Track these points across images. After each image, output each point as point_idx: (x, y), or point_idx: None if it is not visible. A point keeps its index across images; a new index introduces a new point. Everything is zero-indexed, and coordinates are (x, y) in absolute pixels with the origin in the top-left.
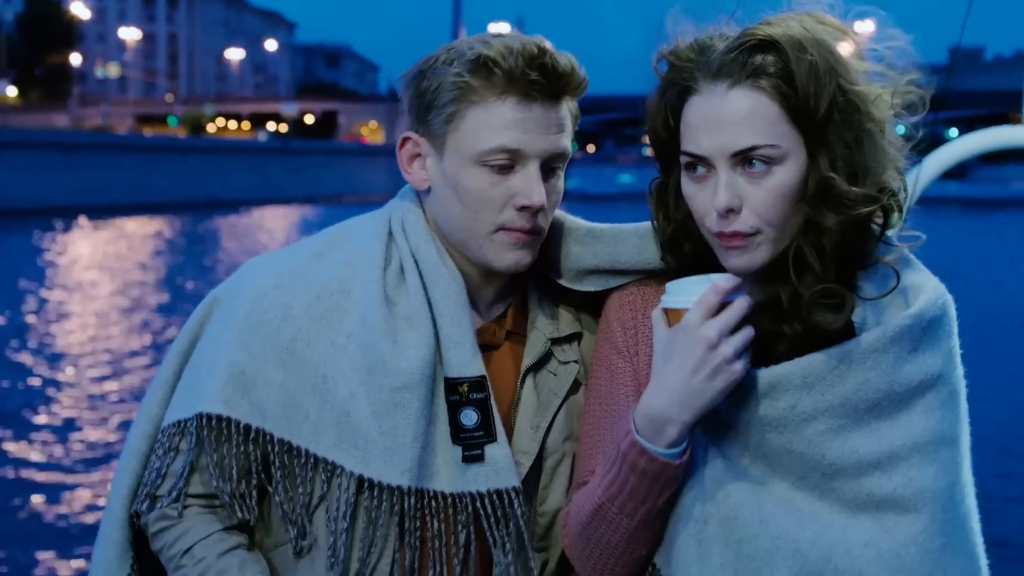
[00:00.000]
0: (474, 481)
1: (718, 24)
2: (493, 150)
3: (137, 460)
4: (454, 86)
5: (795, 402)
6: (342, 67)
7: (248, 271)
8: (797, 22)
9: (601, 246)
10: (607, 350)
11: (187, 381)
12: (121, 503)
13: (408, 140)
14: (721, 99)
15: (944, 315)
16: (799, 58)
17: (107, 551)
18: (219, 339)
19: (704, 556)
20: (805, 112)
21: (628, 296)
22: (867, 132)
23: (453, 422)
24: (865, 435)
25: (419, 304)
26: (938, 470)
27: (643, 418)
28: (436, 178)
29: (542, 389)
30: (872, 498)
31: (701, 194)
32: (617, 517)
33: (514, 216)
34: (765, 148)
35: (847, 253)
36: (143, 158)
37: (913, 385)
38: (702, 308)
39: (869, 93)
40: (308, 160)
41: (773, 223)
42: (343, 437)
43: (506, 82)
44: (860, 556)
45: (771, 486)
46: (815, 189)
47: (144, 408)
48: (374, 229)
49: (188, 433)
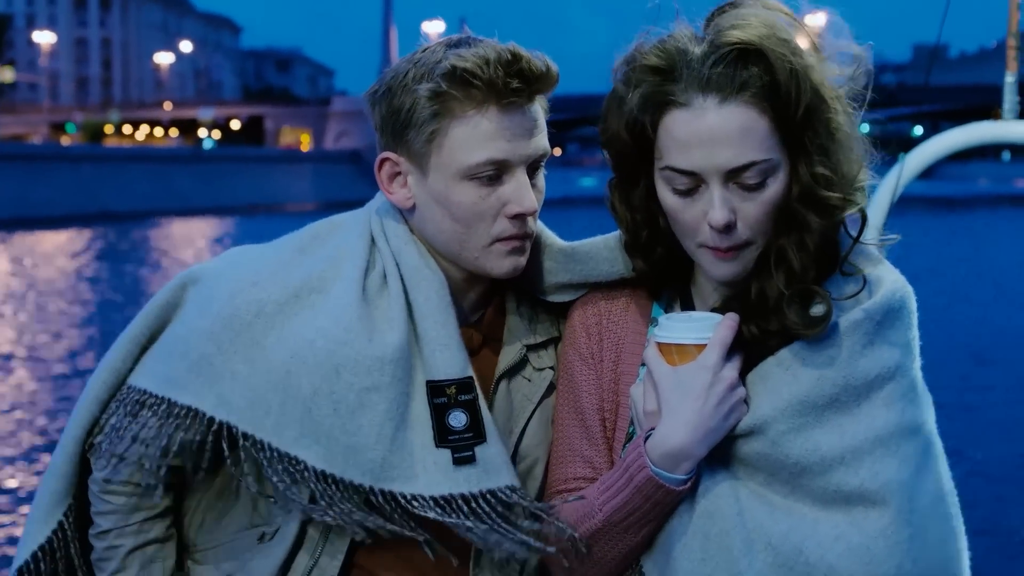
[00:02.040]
0: (466, 483)
1: (674, 23)
2: (480, 164)
3: (97, 406)
4: (431, 103)
5: (755, 406)
6: (294, 72)
7: (231, 261)
8: (759, 20)
9: (574, 264)
10: (571, 356)
11: (159, 354)
12: (74, 442)
13: (386, 161)
14: (715, 115)
15: (903, 307)
16: (780, 66)
17: (54, 483)
18: (193, 325)
19: (685, 550)
20: (787, 119)
21: (592, 301)
22: (836, 129)
23: (439, 425)
24: (827, 432)
25: (399, 309)
26: (901, 461)
27: (661, 455)
28: (421, 196)
29: (516, 395)
30: (840, 493)
31: (689, 209)
32: (621, 536)
33: (508, 225)
34: (761, 163)
35: (823, 254)
36: (25, 168)
37: (870, 378)
38: (720, 348)
39: (833, 90)
40: (220, 168)
41: (766, 233)
42: (305, 432)
43: (486, 93)
44: (830, 549)
45: (746, 481)
46: (798, 194)
47: (109, 360)
48: (358, 228)
49: (153, 409)
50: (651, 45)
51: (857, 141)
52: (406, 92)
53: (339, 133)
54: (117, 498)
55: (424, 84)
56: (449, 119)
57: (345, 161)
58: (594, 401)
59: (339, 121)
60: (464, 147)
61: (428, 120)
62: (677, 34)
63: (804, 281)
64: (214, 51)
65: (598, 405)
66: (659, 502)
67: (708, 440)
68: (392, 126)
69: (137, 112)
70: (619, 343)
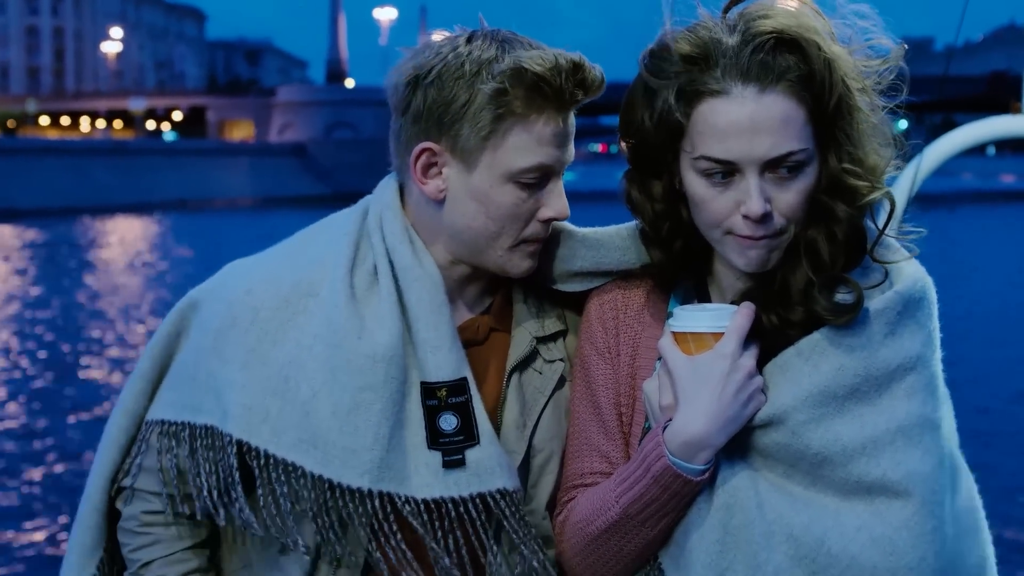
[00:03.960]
0: (455, 486)
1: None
2: (532, 168)
3: (117, 450)
4: (496, 103)
5: (775, 396)
6: (264, 63)
7: (225, 275)
8: (786, 11)
9: (585, 250)
10: (588, 350)
11: (171, 383)
12: (100, 491)
13: (426, 151)
14: (755, 104)
15: (923, 298)
16: (816, 55)
17: (84, 536)
18: (198, 345)
19: (703, 543)
20: (821, 109)
21: (608, 296)
22: (862, 121)
23: (431, 427)
24: (848, 422)
25: (390, 306)
26: (924, 453)
27: (680, 444)
28: (458, 190)
29: (527, 388)
30: (862, 484)
31: (720, 198)
32: (638, 529)
33: (538, 228)
34: (799, 153)
35: (850, 244)
36: None
37: (891, 368)
38: (738, 336)
39: (859, 80)
40: (145, 161)
41: (798, 221)
42: (303, 437)
43: (551, 100)
44: (853, 540)
45: (764, 473)
46: (827, 183)
47: (123, 402)
48: (345, 227)
49: (177, 438)
50: (681, 34)
51: (880, 132)
52: (462, 84)
53: (283, 125)
54: (158, 528)
55: (487, 81)
56: (511, 121)
57: (288, 154)
58: (611, 396)
59: (284, 112)
60: (520, 150)
61: (488, 118)
62: (705, 23)
63: (833, 270)
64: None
65: (615, 400)
66: (677, 492)
67: (727, 429)
68: (439, 116)
69: (71, 103)
70: (636, 338)
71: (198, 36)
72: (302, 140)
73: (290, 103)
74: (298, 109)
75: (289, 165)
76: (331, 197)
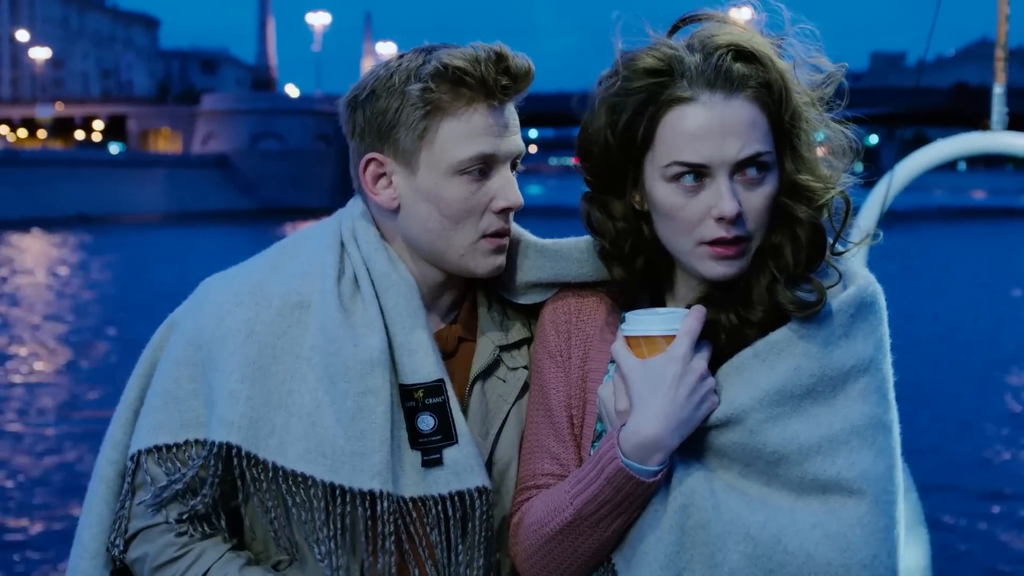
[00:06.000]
0: (435, 484)
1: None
2: (471, 159)
3: (106, 487)
4: (423, 101)
5: (732, 396)
6: (221, 73)
7: (205, 292)
8: (736, 29)
9: (544, 260)
10: (540, 354)
11: (152, 407)
12: (91, 533)
13: (372, 161)
14: (723, 107)
15: (874, 302)
16: (771, 66)
17: None
18: (176, 358)
19: (660, 544)
20: (779, 116)
21: (562, 301)
22: (810, 130)
23: (411, 428)
24: (804, 421)
25: (375, 312)
26: (877, 454)
27: (634, 446)
28: (408, 195)
29: (491, 395)
30: (817, 482)
31: (691, 206)
32: (591, 530)
33: (494, 220)
34: (765, 155)
35: (812, 247)
36: None
37: (845, 369)
38: (690, 338)
39: (806, 94)
40: (43, 173)
41: (763, 227)
42: (310, 447)
43: (476, 90)
44: (808, 537)
45: (720, 473)
46: (787, 188)
47: (110, 435)
48: (326, 239)
49: (188, 457)
50: (642, 51)
51: (833, 142)
52: (392, 93)
53: (207, 135)
54: (196, 543)
55: (413, 84)
56: (440, 116)
57: (209, 166)
58: (562, 399)
59: (207, 122)
60: (455, 143)
61: (419, 118)
62: (661, 43)
63: (796, 271)
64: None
65: (566, 403)
66: (630, 494)
67: (680, 431)
68: (378, 127)
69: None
70: (587, 341)
71: (150, 44)
72: (225, 151)
73: (214, 112)
74: (222, 118)
75: (210, 177)
76: (255, 211)
